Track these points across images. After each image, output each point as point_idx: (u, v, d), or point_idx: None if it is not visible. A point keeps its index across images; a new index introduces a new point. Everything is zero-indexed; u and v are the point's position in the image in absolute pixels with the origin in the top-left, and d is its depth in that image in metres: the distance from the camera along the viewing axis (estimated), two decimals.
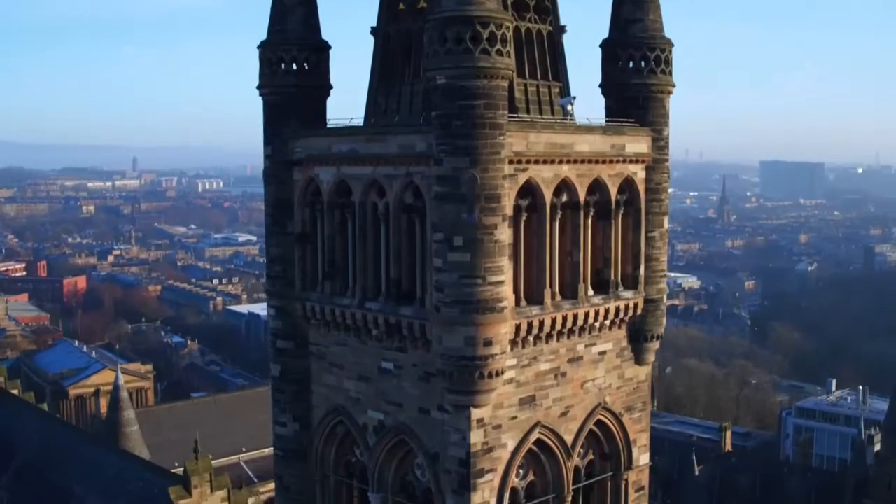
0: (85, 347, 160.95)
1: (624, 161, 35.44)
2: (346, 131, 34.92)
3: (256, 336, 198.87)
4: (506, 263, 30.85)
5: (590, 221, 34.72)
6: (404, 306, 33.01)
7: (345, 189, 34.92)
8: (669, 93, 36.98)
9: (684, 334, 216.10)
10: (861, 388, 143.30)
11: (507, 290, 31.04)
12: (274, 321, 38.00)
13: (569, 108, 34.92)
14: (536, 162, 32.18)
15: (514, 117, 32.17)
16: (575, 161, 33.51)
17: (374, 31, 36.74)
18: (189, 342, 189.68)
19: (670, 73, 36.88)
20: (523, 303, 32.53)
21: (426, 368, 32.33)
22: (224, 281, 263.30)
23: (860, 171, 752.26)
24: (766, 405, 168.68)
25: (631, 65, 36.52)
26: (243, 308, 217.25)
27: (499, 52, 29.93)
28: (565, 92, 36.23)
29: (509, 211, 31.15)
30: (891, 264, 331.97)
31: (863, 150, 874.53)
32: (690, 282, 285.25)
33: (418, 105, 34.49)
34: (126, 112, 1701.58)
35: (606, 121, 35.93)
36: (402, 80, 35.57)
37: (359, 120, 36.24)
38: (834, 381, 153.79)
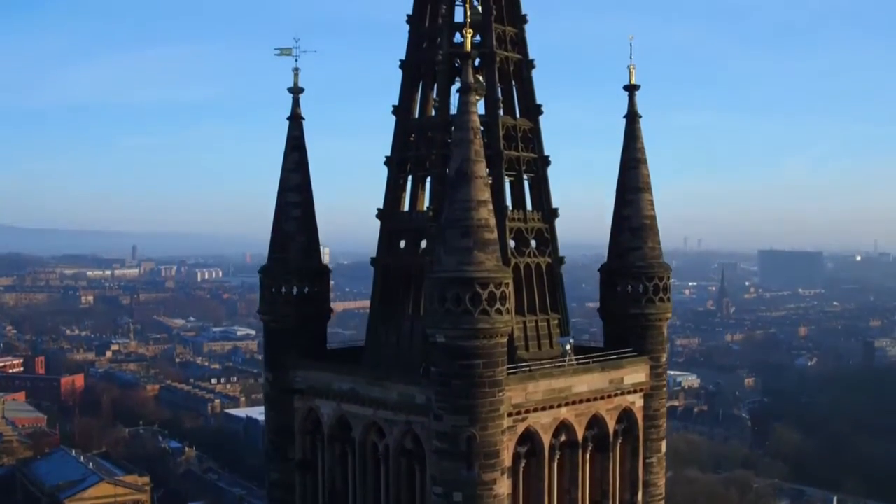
0: (82, 457, 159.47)
1: (622, 393, 35.73)
2: (347, 370, 35.22)
3: (254, 441, 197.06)
4: None
5: (588, 456, 34.88)
6: None
7: (345, 424, 35.13)
8: (667, 319, 37.39)
9: (684, 440, 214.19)
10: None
11: None
12: None
13: (567, 347, 35.20)
14: (535, 410, 32.48)
15: (513, 368, 32.40)
16: (574, 402, 33.80)
17: (373, 261, 37.25)
18: (186, 448, 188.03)
19: (668, 300, 37.33)
20: None
21: None
22: (223, 380, 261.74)
23: (859, 258, 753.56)
24: None
25: (629, 294, 36.96)
26: (241, 412, 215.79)
27: (498, 311, 30.31)
28: (564, 322, 36.62)
29: (508, 462, 31.37)
30: (891, 359, 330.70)
31: (861, 237, 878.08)
32: (690, 380, 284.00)
33: (418, 343, 34.75)
34: (126, 198, 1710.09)
35: (603, 355, 36.13)
36: (402, 313, 35.97)
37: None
38: (835, 498, 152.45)
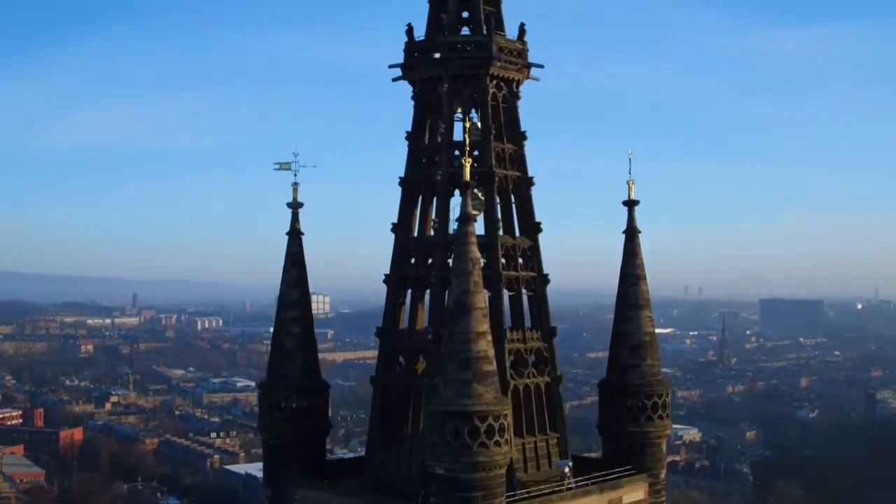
0: None
1: None
2: (347, 491, 35.12)
3: (253, 498, 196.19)
4: None
5: None
6: None
7: None
8: (667, 436, 37.33)
9: (686, 497, 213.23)
10: None
11: None
12: None
13: (566, 470, 35.07)
14: None
15: (512, 496, 32.31)
16: None
17: (373, 380, 37.28)
18: None
19: (668, 417, 37.30)
20: None
21: None
22: (222, 434, 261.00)
23: (859, 306, 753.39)
24: None
25: (629, 411, 36.92)
26: (240, 468, 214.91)
27: (497, 444, 30.28)
28: (563, 440, 36.56)
29: None
30: (893, 411, 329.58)
31: (861, 285, 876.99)
32: (691, 434, 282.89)
33: (417, 464, 34.62)
34: (127, 244, 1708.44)
35: (602, 475, 35.98)
36: (402, 435, 35.93)
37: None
38: None
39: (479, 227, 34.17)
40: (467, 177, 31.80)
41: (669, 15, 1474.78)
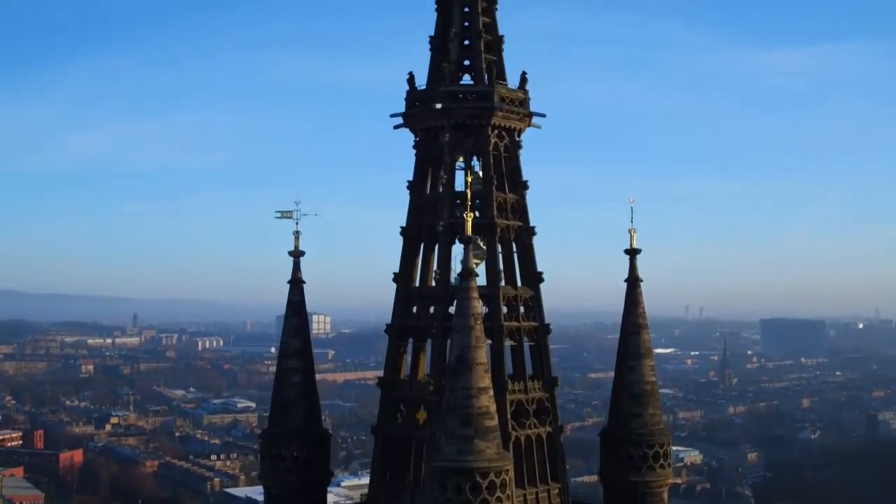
0: None
1: None
2: None
3: None
4: None
5: None
6: None
7: None
8: (668, 485, 37.34)
9: None
10: None
11: None
12: None
13: None
14: None
15: None
16: None
17: (373, 429, 37.33)
18: None
19: (669, 466, 37.34)
20: None
21: None
22: (222, 457, 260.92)
23: (861, 326, 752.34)
24: None
25: (630, 460, 36.95)
26: (241, 491, 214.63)
27: (499, 500, 30.23)
28: (565, 490, 36.58)
29: None
30: (894, 432, 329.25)
31: (863, 304, 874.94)
32: (692, 456, 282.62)
33: None
34: (128, 263, 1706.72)
35: None
36: (403, 485, 35.95)
37: None
38: None
39: (480, 277, 34.28)
40: (469, 231, 31.86)
41: (667, 33, 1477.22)
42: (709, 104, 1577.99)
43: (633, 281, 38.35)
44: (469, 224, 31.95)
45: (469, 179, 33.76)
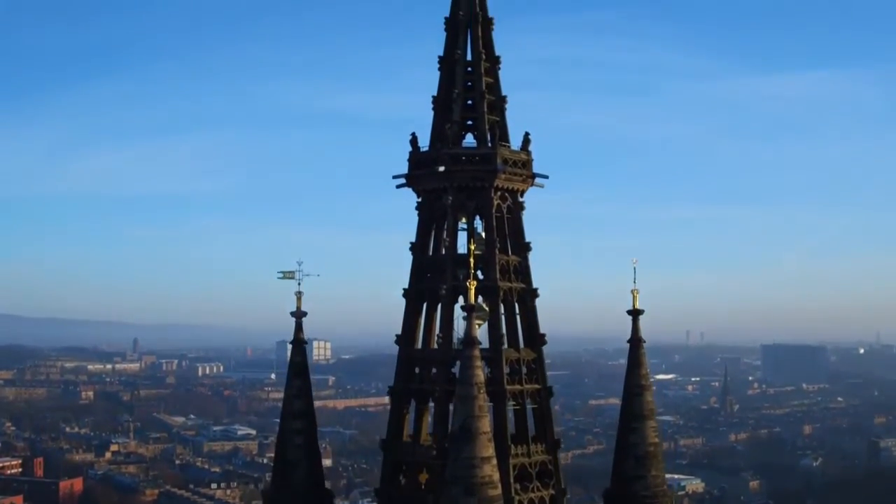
0: None
1: None
2: None
3: None
4: None
5: None
6: None
7: None
8: None
9: None
10: None
11: None
12: None
13: None
14: None
15: None
16: None
17: (376, 492, 37.31)
18: None
19: None
20: None
21: None
22: (222, 485, 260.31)
23: (862, 351, 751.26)
24: None
25: None
26: None
27: None
28: None
29: None
30: None
31: (863, 329, 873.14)
32: (694, 484, 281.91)
33: None
34: (128, 288, 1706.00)
35: None
36: None
37: None
38: None
39: (482, 337, 34.28)
40: (472, 299, 31.86)
41: (663, 60, 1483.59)
42: (707, 129, 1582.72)
43: (635, 342, 38.21)
44: (472, 292, 31.95)
45: (472, 247, 33.83)
